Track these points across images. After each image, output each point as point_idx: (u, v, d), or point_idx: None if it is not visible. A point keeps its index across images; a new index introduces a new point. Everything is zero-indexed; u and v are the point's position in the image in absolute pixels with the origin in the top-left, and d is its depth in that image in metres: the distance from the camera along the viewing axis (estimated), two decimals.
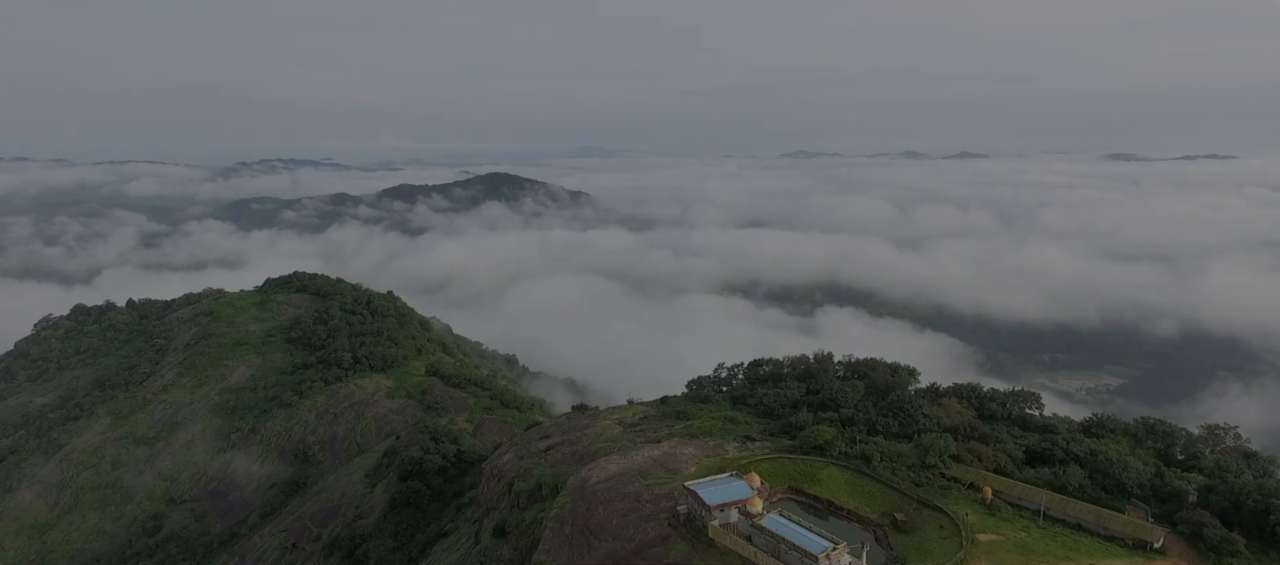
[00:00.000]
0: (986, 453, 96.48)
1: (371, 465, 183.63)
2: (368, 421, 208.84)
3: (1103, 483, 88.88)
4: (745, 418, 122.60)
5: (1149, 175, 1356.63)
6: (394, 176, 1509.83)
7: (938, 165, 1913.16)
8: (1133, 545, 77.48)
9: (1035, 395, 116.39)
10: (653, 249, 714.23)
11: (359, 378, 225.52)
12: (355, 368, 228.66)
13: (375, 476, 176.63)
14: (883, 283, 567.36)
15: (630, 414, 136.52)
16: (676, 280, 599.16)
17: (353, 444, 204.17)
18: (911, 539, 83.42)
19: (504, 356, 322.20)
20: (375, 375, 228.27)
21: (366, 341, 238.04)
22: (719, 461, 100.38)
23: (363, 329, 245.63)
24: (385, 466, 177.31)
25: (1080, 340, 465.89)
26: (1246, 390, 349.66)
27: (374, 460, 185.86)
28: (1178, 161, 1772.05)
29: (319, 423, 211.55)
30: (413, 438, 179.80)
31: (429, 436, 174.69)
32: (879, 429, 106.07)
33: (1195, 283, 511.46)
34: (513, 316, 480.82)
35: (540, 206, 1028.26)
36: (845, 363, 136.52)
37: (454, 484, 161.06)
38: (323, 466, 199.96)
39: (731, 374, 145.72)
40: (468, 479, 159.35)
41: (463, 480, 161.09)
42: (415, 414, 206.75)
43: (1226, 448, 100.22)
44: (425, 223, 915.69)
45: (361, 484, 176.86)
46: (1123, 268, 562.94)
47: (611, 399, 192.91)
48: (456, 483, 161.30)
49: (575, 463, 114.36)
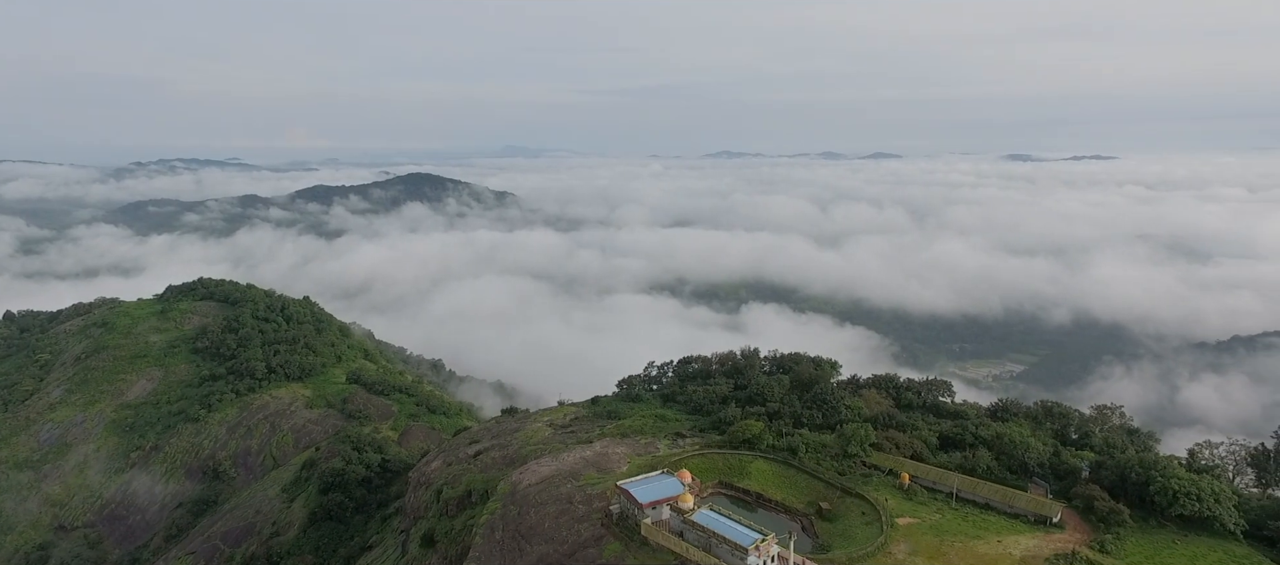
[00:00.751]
0: (904, 440, 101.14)
1: (289, 479, 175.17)
2: (284, 433, 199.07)
3: (1008, 463, 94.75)
4: (676, 415, 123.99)
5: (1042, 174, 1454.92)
6: (308, 177, 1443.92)
7: (854, 165, 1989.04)
8: (1035, 521, 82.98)
9: (947, 383, 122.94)
10: (580, 249, 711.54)
11: (274, 388, 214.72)
12: (270, 377, 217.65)
13: (293, 490, 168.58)
14: (805, 279, 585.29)
15: (561, 415, 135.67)
16: (605, 280, 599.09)
17: (268, 457, 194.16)
18: (836, 526, 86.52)
19: (429, 361, 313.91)
20: (292, 385, 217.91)
21: (281, 349, 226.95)
22: (651, 459, 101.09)
23: (277, 337, 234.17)
24: (304, 479, 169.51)
25: (986, 330, 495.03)
26: (1128, 372, 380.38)
27: (292, 473, 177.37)
28: (1067, 161, 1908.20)
29: (230, 437, 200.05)
30: (334, 448, 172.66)
31: (351, 446, 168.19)
32: (804, 421, 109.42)
33: (1083, 274, 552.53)
34: (438, 320, 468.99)
35: (464, 207, 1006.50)
36: (771, 358, 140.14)
37: (379, 494, 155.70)
38: (235, 483, 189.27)
39: (661, 372, 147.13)
40: (393, 489, 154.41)
41: (388, 490, 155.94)
42: (336, 423, 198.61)
43: (1113, 426, 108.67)
44: (343, 225, 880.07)
45: (278, 499, 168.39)
46: (1021, 261, 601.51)
47: (542, 401, 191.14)
48: (381, 493, 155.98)
49: (506, 467, 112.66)
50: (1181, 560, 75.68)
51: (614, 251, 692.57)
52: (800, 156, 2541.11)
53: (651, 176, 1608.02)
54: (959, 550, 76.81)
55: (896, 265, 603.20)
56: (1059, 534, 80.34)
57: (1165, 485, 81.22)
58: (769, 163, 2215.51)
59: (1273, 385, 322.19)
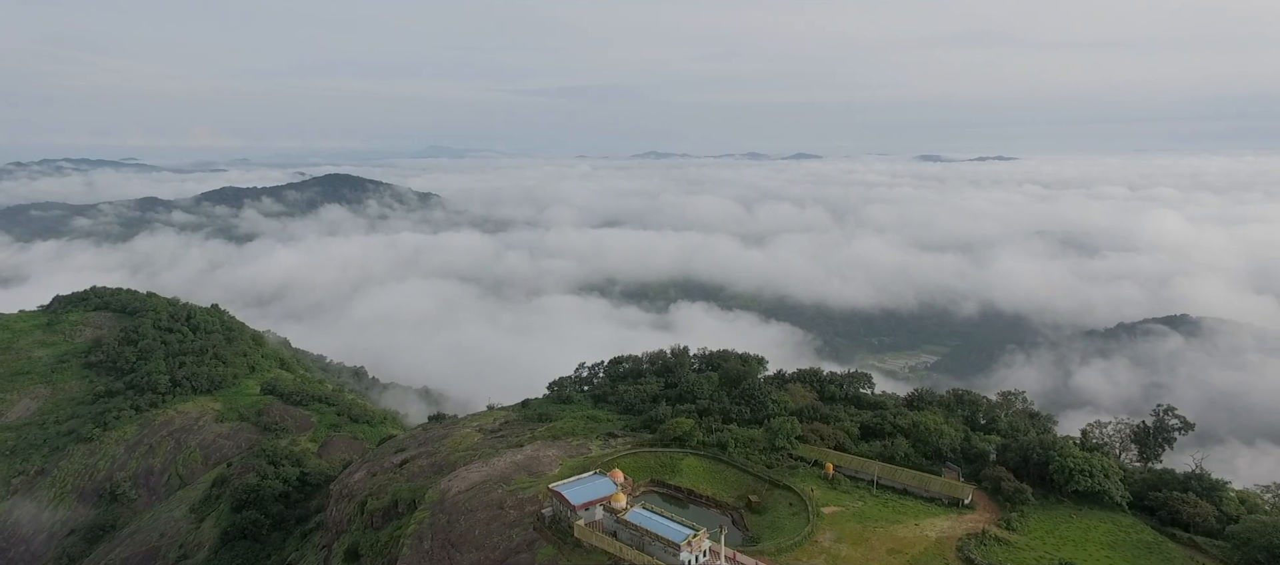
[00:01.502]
0: (828, 431, 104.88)
1: (198, 498, 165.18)
2: (192, 450, 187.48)
3: (924, 450, 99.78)
4: (607, 415, 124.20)
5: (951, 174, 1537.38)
6: (215, 178, 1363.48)
7: (777, 165, 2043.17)
8: (949, 503, 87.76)
9: (867, 375, 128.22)
10: (508, 250, 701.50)
11: (180, 402, 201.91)
12: (175, 391, 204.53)
13: (203, 510, 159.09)
14: (732, 277, 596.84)
15: (491, 420, 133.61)
16: (533, 281, 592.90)
17: (173, 476, 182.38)
18: (765, 518, 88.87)
19: (351, 369, 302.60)
20: (200, 398, 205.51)
21: (187, 361, 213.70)
22: (583, 461, 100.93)
23: (182, 348, 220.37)
24: (215, 498, 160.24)
25: (902, 323, 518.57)
26: (1028, 360, 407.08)
27: (201, 492, 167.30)
28: (973, 162, 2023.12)
29: (129, 456, 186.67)
30: (248, 463, 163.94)
31: (267, 460, 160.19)
32: (733, 416, 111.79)
33: (989, 268, 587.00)
34: (359, 326, 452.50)
35: (386, 209, 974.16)
36: (700, 355, 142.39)
37: (298, 510, 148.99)
38: (135, 505, 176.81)
39: (592, 373, 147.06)
40: (314, 503, 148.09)
41: (308, 505, 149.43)
42: (250, 437, 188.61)
43: (1017, 411, 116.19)
44: (254, 228, 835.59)
45: (186, 520, 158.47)
46: (933, 257, 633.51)
47: (470, 406, 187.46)
48: (301, 508, 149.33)
49: (434, 474, 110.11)
50: (1077, 533, 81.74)
51: (543, 253, 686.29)
52: (726, 157, 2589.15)
53: (580, 177, 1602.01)
54: (880, 535, 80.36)
55: (818, 262, 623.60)
56: (971, 515, 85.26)
57: (1062, 464, 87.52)
58: (696, 163, 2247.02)
59: (1151, 368, 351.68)
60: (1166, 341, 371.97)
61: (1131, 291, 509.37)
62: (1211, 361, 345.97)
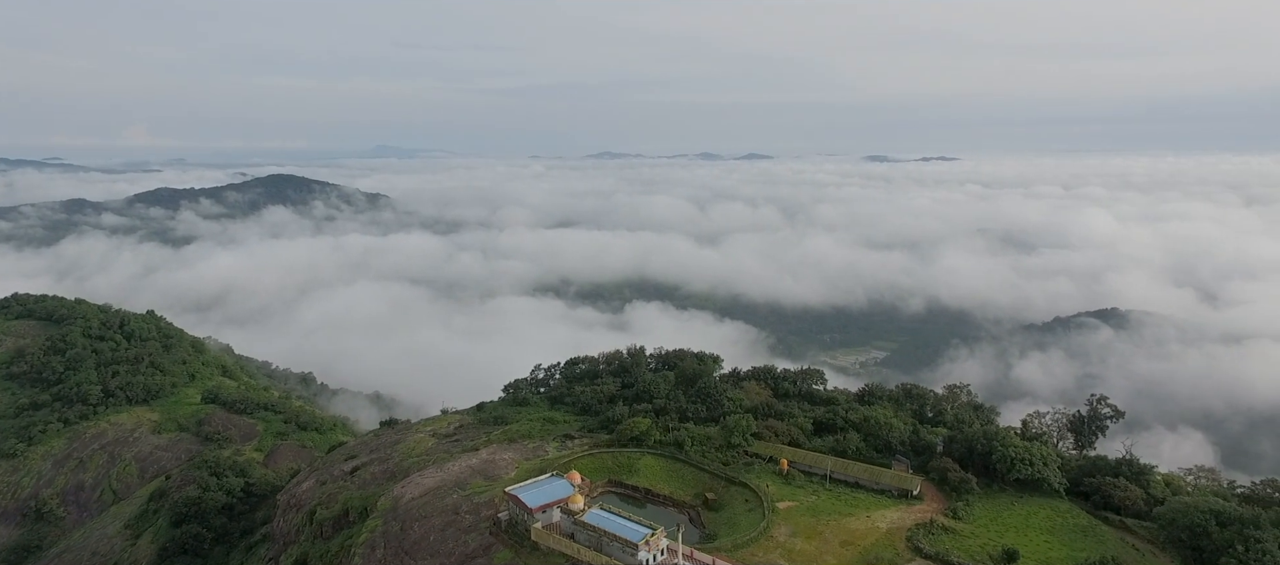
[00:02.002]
0: (782, 428, 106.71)
1: (134, 513, 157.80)
2: (127, 463, 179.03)
3: (874, 444, 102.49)
4: (564, 417, 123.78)
5: (897, 174, 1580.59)
6: (149, 179, 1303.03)
7: (730, 165, 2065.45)
8: (898, 495, 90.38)
9: (819, 372, 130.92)
10: (460, 252, 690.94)
11: (113, 414, 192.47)
12: (107, 402, 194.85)
13: (139, 525, 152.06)
14: (686, 277, 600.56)
15: (445, 424, 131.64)
16: (487, 283, 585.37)
17: (107, 491, 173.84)
18: (721, 515, 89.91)
19: (298, 375, 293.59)
20: (135, 409, 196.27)
21: (121, 371, 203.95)
22: (540, 463, 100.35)
23: (115, 356, 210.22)
24: (152, 512, 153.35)
25: (852, 320, 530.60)
26: (971, 353, 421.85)
27: (137, 507, 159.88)
28: (918, 162, 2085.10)
29: (57, 472, 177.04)
30: (188, 475, 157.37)
31: (209, 472, 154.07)
32: (689, 415, 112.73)
33: (934, 266, 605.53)
34: (306, 331, 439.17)
35: (333, 210, 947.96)
36: (656, 355, 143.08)
37: (242, 522, 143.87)
38: (65, 524, 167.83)
39: (548, 374, 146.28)
40: (260, 514, 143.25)
41: (253, 516, 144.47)
42: (190, 448, 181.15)
43: (962, 403, 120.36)
44: (192, 231, 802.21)
45: (120, 537, 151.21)
46: (881, 255, 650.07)
47: (423, 411, 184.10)
48: (246, 520, 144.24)
49: (386, 481, 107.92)
50: (1018, 519, 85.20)
51: (496, 254, 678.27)
52: (679, 157, 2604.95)
53: (533, 177, 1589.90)
54: (833, 528, 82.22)
55: (771, 261, 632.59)
56: (919, 505, 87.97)
57: (1004, 454, 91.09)
58: (649, 163, 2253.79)
59: (1084, 359, 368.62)
60: (1098, 334, 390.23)
61: (1066, 286, 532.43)
62: (1138, 352, 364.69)
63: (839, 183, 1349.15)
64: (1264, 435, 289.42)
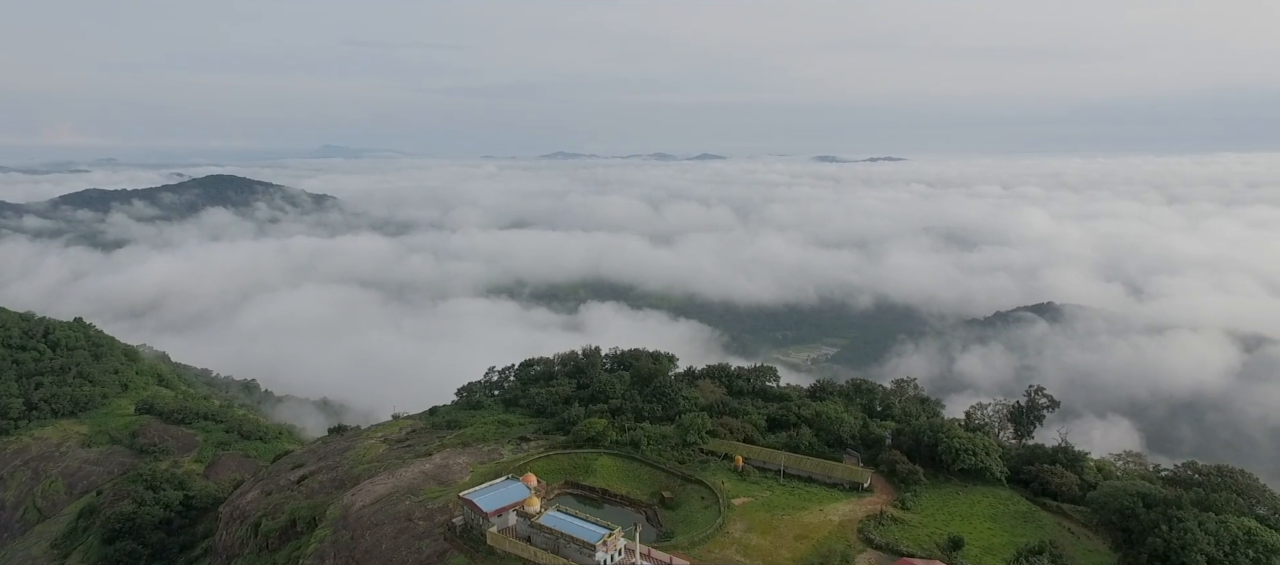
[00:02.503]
0: (737, 425, 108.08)
1: (61, 532, 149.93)
2: (53, 479, 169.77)
3: (826, 438, 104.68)
4: (519, 419, 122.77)
5: (846, 174, 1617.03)
6: (76, 179, 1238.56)
7: (683, 166, 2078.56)
8: (850, 488, 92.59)
9: (773, 369, 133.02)
10: (411, 253, 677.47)
11: (37, 428, 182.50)
12: (30, 416, 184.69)
13: (67, 544, 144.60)
14: (641, 276, 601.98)
15: (396, 429, 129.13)
16: (439, 284, 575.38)
17: (30, 510, 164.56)
18: (678, 513, 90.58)
19: (241, 382, 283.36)
20: (62, 422, 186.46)
21: (46, 382, 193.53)
22: (495, 466, 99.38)
23: (39, 367, 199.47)
24: (82, 530, 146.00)
25: (804, 317, 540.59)
26: (917, 348, 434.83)
27: (65, 525, 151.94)
28: (866, 162, 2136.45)
29: None
30: (121, 489, 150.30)
31: (144, 485, 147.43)
32: (645, 414, 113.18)
33: (881, 263, 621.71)
34: (249, 336, 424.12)
35: (278, 212, 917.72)
36: (612, 355, 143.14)
37: (181, 537, 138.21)
38: None
39: (503, 376, 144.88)
40: (200, 527, 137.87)
41: (194, 530, 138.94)
42: (124, 462, 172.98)
43: (909, 397, 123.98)
44: (125, 234, 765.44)
45: (46, 557, 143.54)
46: (831, 253, 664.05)
47: (374, 416, 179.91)
48: (185, 534, 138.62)
49: (335, 489, 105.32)
50: (963, 508, 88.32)
51: (448, 255, 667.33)
52: (633, 157, 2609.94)
53: (486, 178, 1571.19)
54: (787, 522, 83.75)
55: (724, 260, 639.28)
56: (870, 497, 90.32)
57: (949, 445, 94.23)
58: (603, 164, 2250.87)
59: (1022, 352, 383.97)
60: (1035, 327, 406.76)
61: (1005, 282, 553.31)
62: (1071, 344, 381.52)
63: (790, 183, 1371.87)
64: (1184, 420, 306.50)
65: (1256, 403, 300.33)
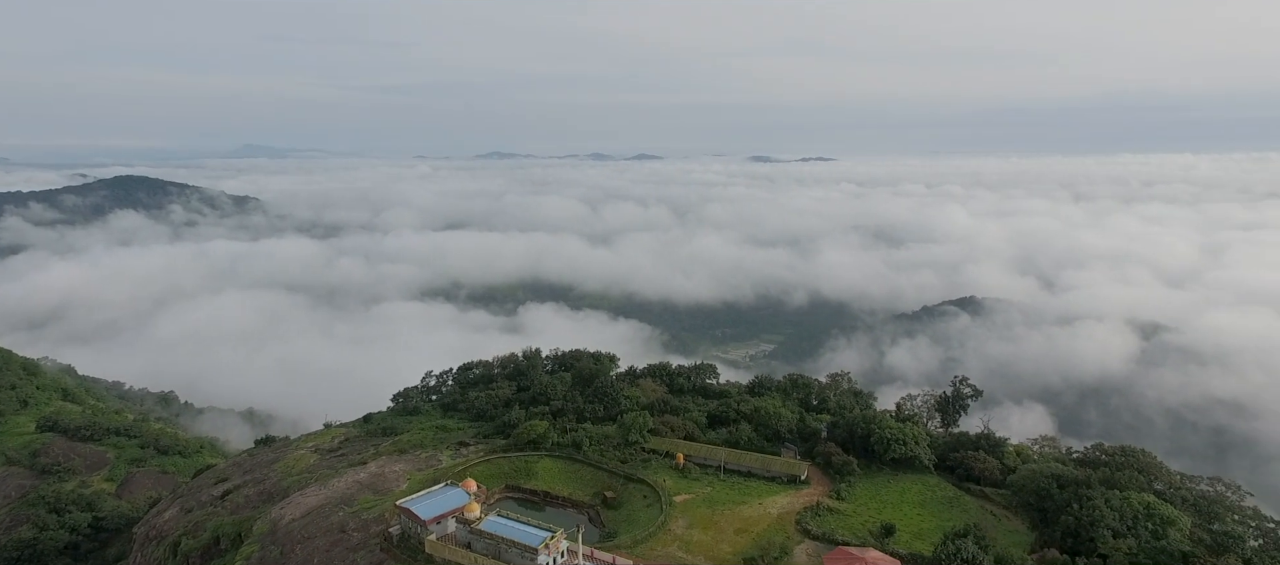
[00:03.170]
0: (677, 423, 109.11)
1: None
2: None
3: (765, 433, 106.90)
4: (458, 424, 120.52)
5: (780, 174, 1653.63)
6: None
7: (621, 166, 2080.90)
8: (788, 481, 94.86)
9: (712, 367, 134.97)
10: (341, 256, 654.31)
11: None
12: None
13: None
14: (580, 277, 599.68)
15: (329, 438, 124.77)
16: (372, 288, 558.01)
17: None
18: (620, 512, 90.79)
19: (157, 395, 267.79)
20: None
21: None
22: (433, 473, 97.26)
23: None
24: None
25: (741, 314, 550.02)
26: (850, 343, 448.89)
27: None
28: (798, 162, 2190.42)
29: None
30: (21, 514, 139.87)
31: (47, 508, 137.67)
32: (587, 415, 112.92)
33: (814, 261, 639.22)
34: (165, 346, 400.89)
35: (194, 214, 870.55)
36: (552, 356, 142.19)
37: (92, 560, 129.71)
38: None
39: (441, 381, 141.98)
40: (112, 551, 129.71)
41: (105, 553, 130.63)
42: (23, 484, 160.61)
43: (843, 390, 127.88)
44: (20, 239, 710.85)
45: None
46: (766, 252, 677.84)
47: (304, 426, 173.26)
48: (95, 558, 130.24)
49: (263, 503, 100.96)
50: (894, 495, 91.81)
51: (381, 258, 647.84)
52: (570, 157, 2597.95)
53: (419, 178, 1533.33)
54: (728, 516, 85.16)
55: (663, 260, 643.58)
56: (807, 489, 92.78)
57: (881, 435, 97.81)
58: (540, 164, 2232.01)
59: (946, 344, 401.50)
60: (958, 321, 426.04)
61: (930, 277, 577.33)
62: (991, 335, 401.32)
63: (726, 182, 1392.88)
64: (1091, 404, 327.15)
65: (1153, 386, 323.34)
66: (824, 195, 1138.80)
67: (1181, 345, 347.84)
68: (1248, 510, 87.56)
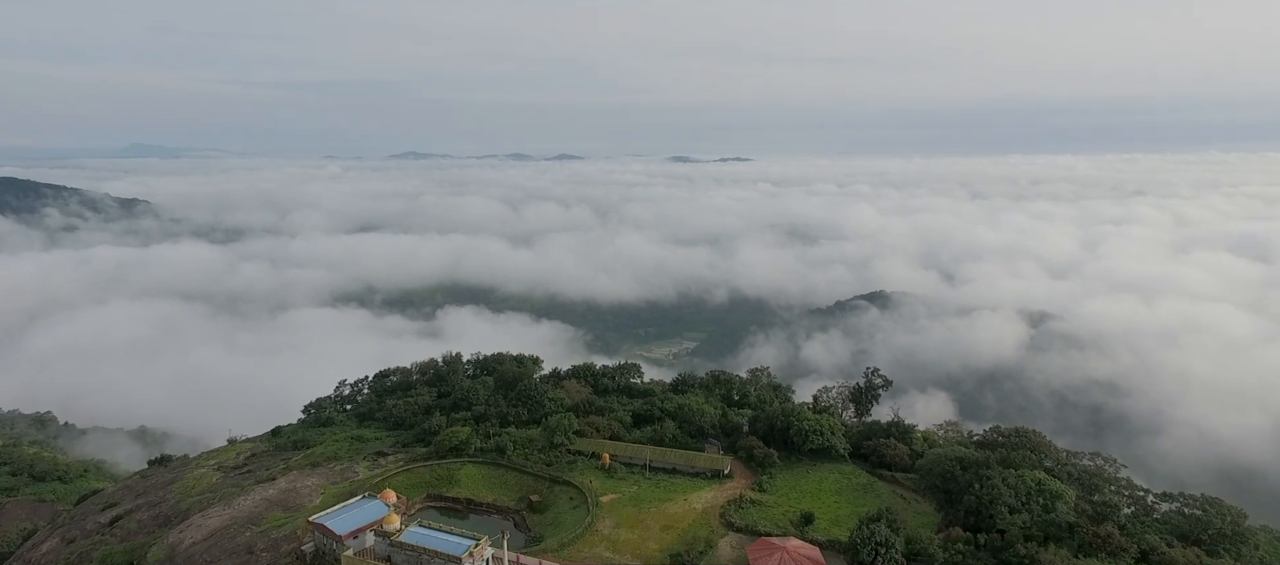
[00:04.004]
0: (603, 423, 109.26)
1: None
2: None
3: (689, 430, 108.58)
4: (375, 433, 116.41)
5: (699, 174, 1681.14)
6: None
7: (541, 166, 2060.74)
8: (712, 476, 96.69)
9: (636, 366, 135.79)
10: (244, 262, 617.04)
11: None
12: None
13: None
14: (501, 278, 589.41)
15: (233, 455, 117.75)
16: (278, 295, 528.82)
17: None
18: (547, 516, 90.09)
19: (30, 416, 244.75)
20: None
21: None
22: (349, 486, 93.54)
23: None
24: None
25: (664, 313, 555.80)
26: (768, 338, 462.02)
27: None
28: (717, 162, 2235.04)
29: None
30: None
31: None
32: (511, 419, 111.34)
33: (734, 259, 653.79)
34: (39, 362, 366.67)
35: (74, 218, 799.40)
36: (474, 360, 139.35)
37: None
38: None
39: (356, 389, 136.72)
40: None
41: None
42: None
43: (763, 385, 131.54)
44: None
45: None
46: (687, 251, 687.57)
47: (205, 443, 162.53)
48: None
49: (159, 528, 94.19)
50: (813, 485, 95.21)
51: (287, 263, 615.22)
52: (489, 158, 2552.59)
53: (329, 179, 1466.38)
54: (654, 514, 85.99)
55: (585, 260, 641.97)
56: (730, 484, 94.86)
57: (800, 427, 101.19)
58: (458, 164, 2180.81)
59: (857, 337, 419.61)
60: (868, 314, 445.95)
61: (842, 273, 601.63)
62: (898, 327, 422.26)
63: (646, 182, 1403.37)
64: (988, 389, 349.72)
65: (1041, 370, 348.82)
66: (742, 195, 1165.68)
67: (1064, 332, 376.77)
68: (1122, 481, 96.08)
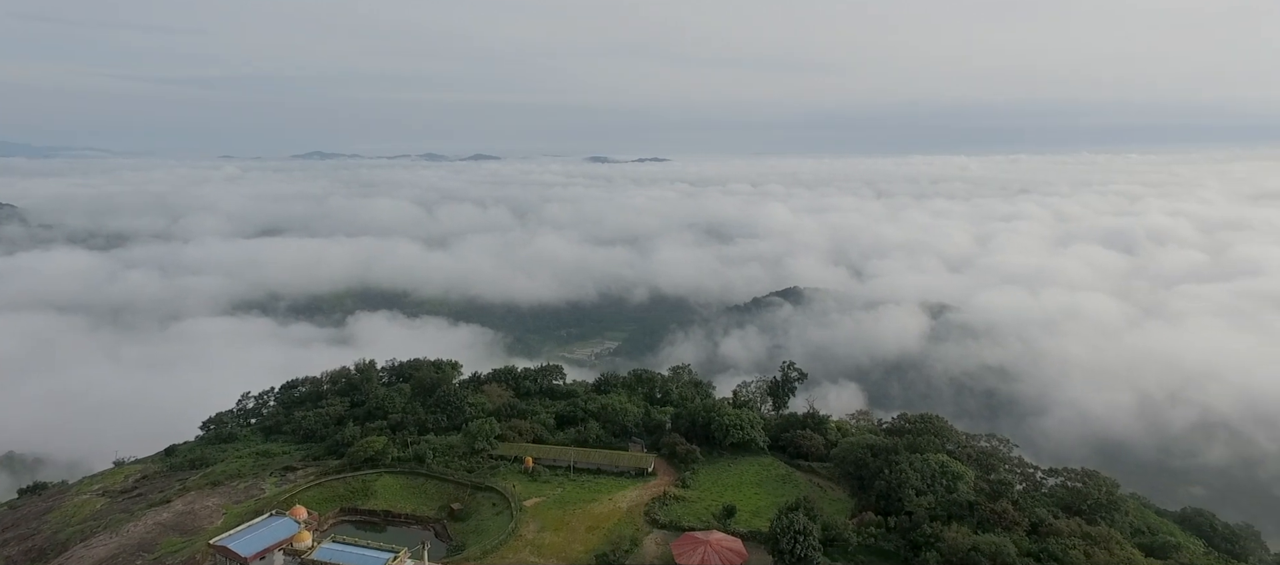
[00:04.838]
0: (526, 426, 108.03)
1: None
2: None
3: (612, 429, 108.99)
4: (283, 447, 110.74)
5: (618, 174, 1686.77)
6: None
7: (456, 167, 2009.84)
8: (636, 474, 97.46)
9: (558, 367, 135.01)
10: (129, 270, 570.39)
11: None
12: None
13: None
14: (416, 282, 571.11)
15: (121, 478, 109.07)
16: (169, 304, 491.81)
17: None
18: (469, 524, 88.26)
19: None
20: None
21: None
22: (254, 504, 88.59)
23: None
24: None
25: (586, 313, 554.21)
26: (687, 336, 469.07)
27: None
28: (634, 162, 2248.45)
29: None
30: None
31: None
32: (430, 426, 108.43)
33: (652, 258, 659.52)
34: None
35: None
36: (389, 367, 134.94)
37: None
38: None
39: (260, 402, 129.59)
40: None
41: None
42: None
43: (685, 382, 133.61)
44: None
45: None
46: (607, 250, 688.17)
47: (86, 467, 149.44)
48: None
49: (33, 563, 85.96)
50: (734, 478, 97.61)
51: (180, 270, 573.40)
52: (401, 158, 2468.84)
53: (226, 180, 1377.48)
54: (579, 516, 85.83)
55: (504, 261, 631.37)
56: (654, 481, 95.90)
57: (721, 423, 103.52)
58: (368, 164, 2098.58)
59: (773, 333, 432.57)
60: (782, 310, 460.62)
61: (758, 271, 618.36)
62: (810, 322, 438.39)
63: (565, 183, 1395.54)
64: (894, 380, 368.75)
65: (940, 359, 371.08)
66: (660, 194, 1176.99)
67: (961, 322, 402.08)
68: (1014, 460, 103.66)
